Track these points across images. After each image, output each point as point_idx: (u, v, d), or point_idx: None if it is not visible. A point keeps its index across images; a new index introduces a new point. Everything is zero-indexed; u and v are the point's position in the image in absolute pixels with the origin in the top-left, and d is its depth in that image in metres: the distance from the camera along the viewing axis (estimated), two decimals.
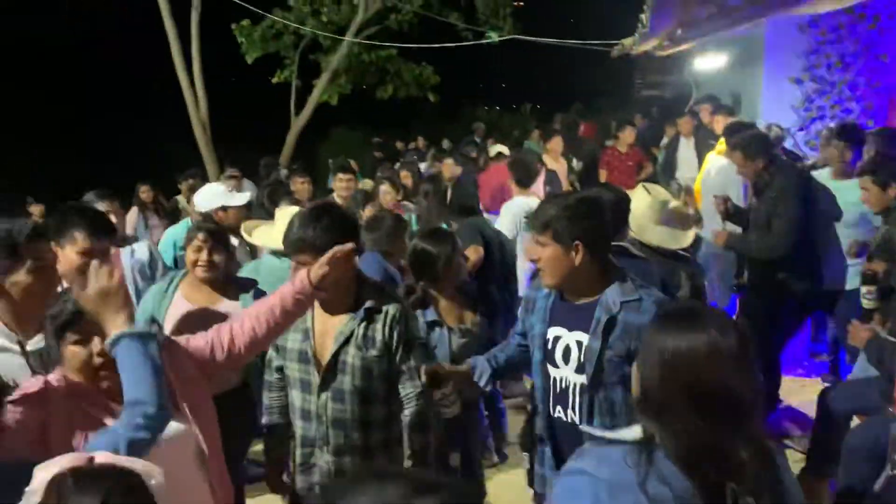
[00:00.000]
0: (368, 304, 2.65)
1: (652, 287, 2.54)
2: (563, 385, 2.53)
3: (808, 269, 4.64)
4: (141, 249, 4.26)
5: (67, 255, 2.82)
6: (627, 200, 3.68)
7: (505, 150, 8.65)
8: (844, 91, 7.58)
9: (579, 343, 2.47)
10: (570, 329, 2.51)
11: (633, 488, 1.45)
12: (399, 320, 2.67)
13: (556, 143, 8.48)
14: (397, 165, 9.93)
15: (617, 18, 10.83)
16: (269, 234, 4.11)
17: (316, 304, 2.63)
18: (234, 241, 4.28)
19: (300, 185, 6.37)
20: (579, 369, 2.47)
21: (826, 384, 4.97)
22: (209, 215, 4.70)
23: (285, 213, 3.94)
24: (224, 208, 4.73)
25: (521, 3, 14.35)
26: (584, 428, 1.71)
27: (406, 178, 7.90)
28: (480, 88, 29.36)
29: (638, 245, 3.64)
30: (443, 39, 13.37)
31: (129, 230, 7.30)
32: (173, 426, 1.96)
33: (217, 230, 3.41)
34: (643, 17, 5.98)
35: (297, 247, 2.54)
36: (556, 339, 2.54)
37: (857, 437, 3.37)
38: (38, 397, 1.91)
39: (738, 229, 5.03)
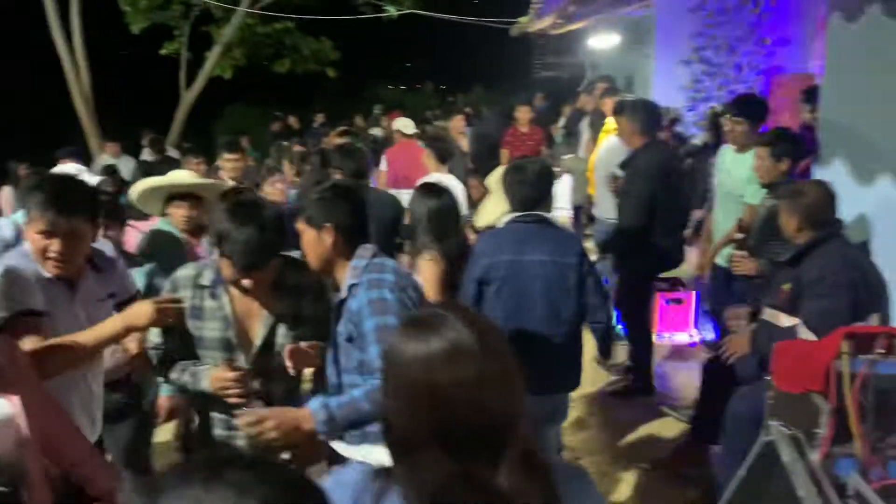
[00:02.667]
0: (293, 280, 2.57)
1: (384, 271, 2.47)
2: None
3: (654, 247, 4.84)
4: (6, 227, 3.97)
5: None
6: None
7: (410, 124, 8.50)
8: (730, 73, 7.87)
9: None
10: None
11: None
12: (323, 292, 2.61)
13: (458, 121, 8.47)
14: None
15: None
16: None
17: (232, 288, 2.52)
18: None
19: (195, 167, 6.02)
20: None
21: (709, 352, 5.16)
22: None
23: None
24: None
25: None
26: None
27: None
28: (385, 67, 29.08)
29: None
30: (342, 13, 13.09)
31: (4, 209, 6.81)
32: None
33: None
34: None
35: (249, 271, 2.39)
36: None
37: (739, 405, 3.48)
38: None
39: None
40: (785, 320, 3.47)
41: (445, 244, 3.49)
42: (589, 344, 3.57)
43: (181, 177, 3.91)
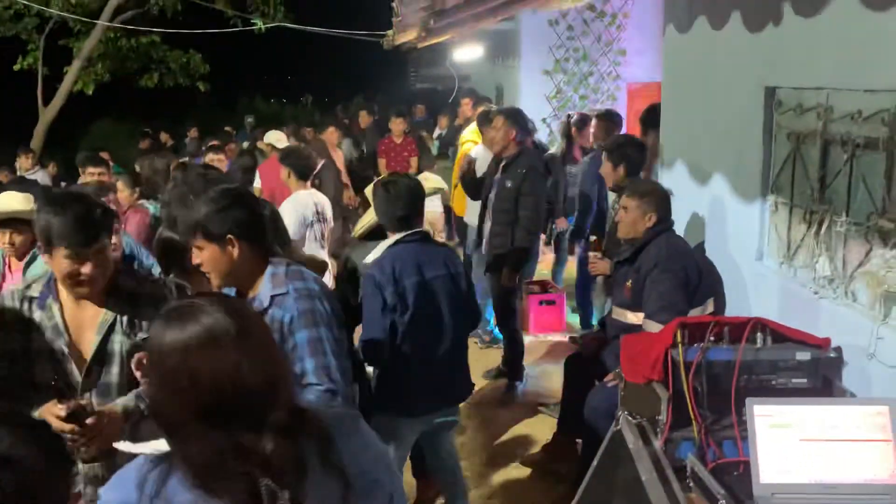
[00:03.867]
0: (128, 286, 2.47)
1: (306, 279, 2.45)
2: None
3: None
4: None
5: None
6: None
7: (282, 137, 8.33)
8: (590, 82, 8.24)
9: None
10: None
11: None
12: (164, 298, 2.48)
13: (332, 134, 8.45)
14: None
15: (385, 9, 10.93)
16: None
17: (63, 294, 2.39)
18: None
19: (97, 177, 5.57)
20: None
21: (574, 345, 5.39)
22: None
23: None
24: None
25: None
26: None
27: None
28: (262, 80, 28.53)
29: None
30: (210, 26, 12.75)
31: None
32: None
33: None
34: (394, 5, 6.06)
35: (83, 250, 2.28)
36: None
37: (596, 398, 3.64)
38: None
39: None
40: (632, 317, 3.68)
41: None
42: (474, 354, 3.67)
43: (10, 204, 3.71)
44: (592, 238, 4.67)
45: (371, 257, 3.25)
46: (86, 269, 2.30)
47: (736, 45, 3.73)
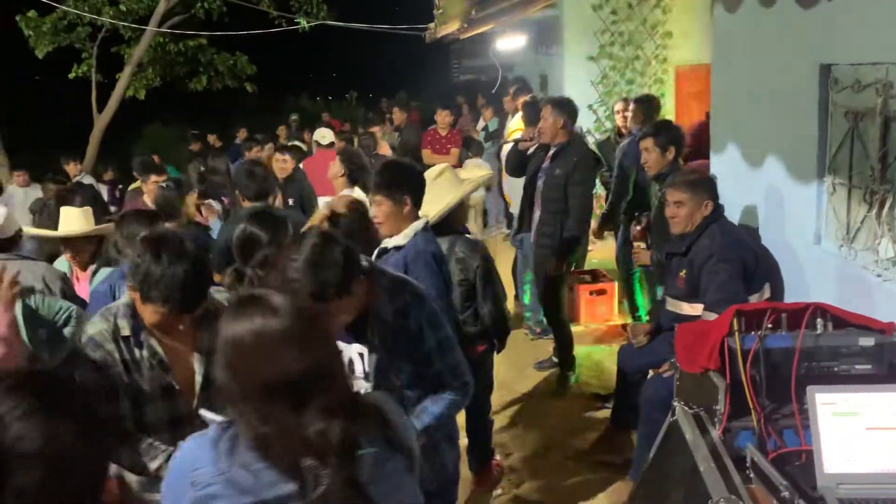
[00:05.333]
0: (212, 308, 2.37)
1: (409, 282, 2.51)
2: None
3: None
4: None
5: None
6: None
7: (328, 134, 8.48)
8: (637, 66, 8.09)
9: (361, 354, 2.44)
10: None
11: (216, 478, 1.47)
12: None
13: (377, 129, 8.58)
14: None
15: (426, 3, 10.93)
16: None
17: (154, 331, 2.32)
18: None
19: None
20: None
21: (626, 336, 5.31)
22: None
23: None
24: None
25: None
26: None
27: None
28: (306, 79, 28.85)
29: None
30: (255, 28, 12.92)
31: None
32: None
33: None
34: None
35: (182, 313, 2.25)
36: None
37: (651, 389, 3.58)
38: None
39: None
40: (688, 308, 3.60)
41: None
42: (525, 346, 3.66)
43: (71, 226, 3.85)
44: (637, 227, 4.58)
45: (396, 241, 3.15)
46: (182, 324, 2.25)
47: (788, 22, 3.62)
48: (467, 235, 3.77)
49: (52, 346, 3.17)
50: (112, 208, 8.61)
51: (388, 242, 3.10)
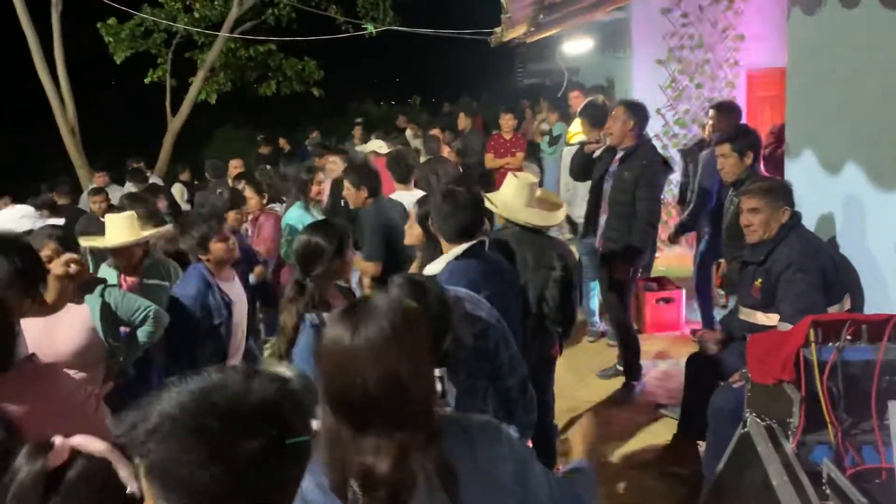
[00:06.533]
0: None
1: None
2: None
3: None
4: None
5: None
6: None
7: (383, 145, 8.67)
8: (707, 70, 7.92)
9: None
10: None
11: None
12: None
13: (438, 131, 8.65)
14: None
15: (492, 7, 10.94)
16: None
17: None
18: None
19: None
20: None
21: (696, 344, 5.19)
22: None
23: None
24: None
25: None
26: None
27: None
28: (371, 84, 29.20)
29: (513, 228, 3.68)
30: (323, 33, 13.16)
31: None
32: None
33: (66, 237, 3.21)
34: (503, 2, 6.03)
35: None
36: None
37: (720, 400, 3.50)
38: None
39: None
40: (763, 318, 3.51)
41: None
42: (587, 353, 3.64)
43: (116, 236, 3.97)
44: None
45: (433, 269, 3.09)
46: None
47: (871, 24, 3.49)
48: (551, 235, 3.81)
49: (128, 345, 3.31)
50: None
51: (426, 270, 3.09)
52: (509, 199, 3.71)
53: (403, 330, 1.44)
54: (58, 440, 1.11)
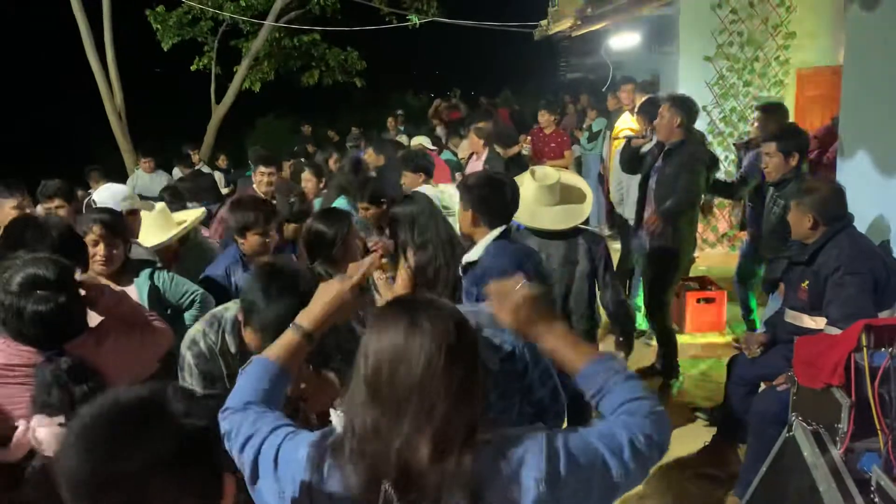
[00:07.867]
0: None
1: None
2: None
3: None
4: None
5: None
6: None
7: (426, 141, 8.72)
8: (756, 67, 7.77)
9: None
10: None
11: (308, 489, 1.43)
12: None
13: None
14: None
15: (536, 0, 10.87)
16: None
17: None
18: None
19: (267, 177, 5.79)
20: None
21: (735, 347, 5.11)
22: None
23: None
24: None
25: None
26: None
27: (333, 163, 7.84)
28: (412, 75, 29.23)
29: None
30: (367, 24, 13.19)
31: None
32: None
33: (112, 221, 3.23)
34: None
35: None
36: None
37: (763, 402, 3.44)
38: None
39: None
40: (809, 322, 3.43)
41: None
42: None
43: (150, 238, 4.01)
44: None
45: (472, 255, 3.08)
46: None
47: None
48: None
49: (174, 328, 3.35)
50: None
51: (466, 257, 3.08)
52: (531, 203, 3.61)
53: (460, 337, 1.42)
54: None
